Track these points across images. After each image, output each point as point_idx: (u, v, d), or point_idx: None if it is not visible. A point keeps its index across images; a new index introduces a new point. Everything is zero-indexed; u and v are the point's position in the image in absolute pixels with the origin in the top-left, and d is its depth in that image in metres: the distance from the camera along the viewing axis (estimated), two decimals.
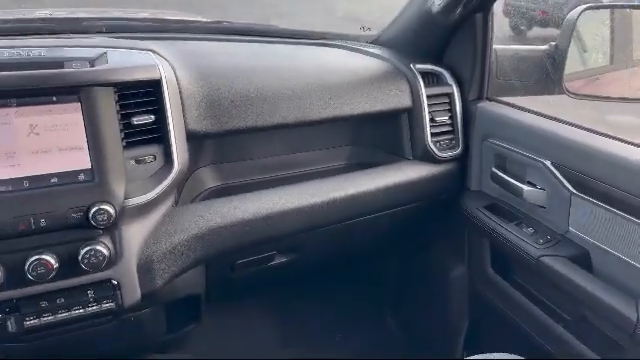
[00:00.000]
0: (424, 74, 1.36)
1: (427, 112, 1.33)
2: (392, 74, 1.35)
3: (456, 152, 1.38)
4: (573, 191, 1.11)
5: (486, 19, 1.33)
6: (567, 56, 1.30)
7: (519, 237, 1.21)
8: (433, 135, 1.35)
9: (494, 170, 1.32)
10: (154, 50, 1.08)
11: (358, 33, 1.64)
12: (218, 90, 1.11)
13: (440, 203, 1.44)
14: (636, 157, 1.00)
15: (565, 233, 1.15)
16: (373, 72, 1.34)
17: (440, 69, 1.40)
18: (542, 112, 1.27)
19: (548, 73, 1.42)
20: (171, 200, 1.09)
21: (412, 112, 1.34)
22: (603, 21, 1.38)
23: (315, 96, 1.22)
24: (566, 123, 1.20)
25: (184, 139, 1.05)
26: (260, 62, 1.27)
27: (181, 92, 1.05)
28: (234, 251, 1.18)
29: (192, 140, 1.08)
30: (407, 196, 1.36)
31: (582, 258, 1.10)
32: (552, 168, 1.15)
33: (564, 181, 1.13)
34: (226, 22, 1.56)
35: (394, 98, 1.32)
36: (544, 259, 1.13)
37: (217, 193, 1.28)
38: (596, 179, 1.05)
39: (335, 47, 1.49)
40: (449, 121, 1.38)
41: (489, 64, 1.39)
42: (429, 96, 1.34)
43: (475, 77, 1.39)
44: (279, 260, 1.32)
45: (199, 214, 1.11)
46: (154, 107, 1.00)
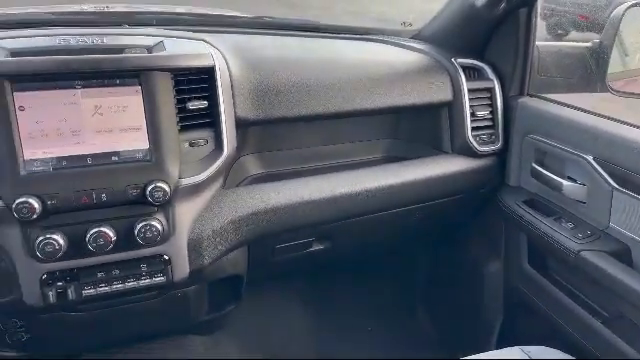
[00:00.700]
0: (465, 68, 1.38)
1: (468, 106, 1.35)
2: (434, 68, 1.37)
3: (496, 147, 1.39)
4: (615, 186, 1.11)
5: (530, 15, 1.33)
6: (611, 53, 1.30)
7: (558, 232, 1.22)
8: (473, 129, 1.36)
9: (534, 165, 1.33)
10: (207, 40, 1.13)
11: (399, 28, 1.67)
12: (266, 80, 1.15)
13: (477, 198, 1.46)
14: None
15: (605, 229, 1.15)
16: (415, 65, 1.37)
17: (481, 64, 1.41)
18: (584, 107, 1.27)
19: (591, 70, 1.41)
20: (219, 183, 1.14)
21: (453, 106, 1.36)
22: None
23: (358, 88, 1.26)
24: (608, 118, 1.19)
25: (233, 125, 1.10)
26: (305, 55, 1.32)
27: (232, 80, 1.10)
28: (275, 235, 1.23)
29: (239, 127, 1.13)
30: (444, 189, 1.37)
31: (623, 253, 1.10)
32: (594, 163, 1.15)
33: (606, 176, 1.13)
34: (267, 17, 1.61)
35: (435, 91, 1.34)
36: (583, 253, 1.13)
37: (259, 180, 1.32)
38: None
39: (376, 42, 1.52)
40: (489, 116, 1.39)
41: (531, 60, 1.40)
42: (470, 90, 1.35)
43: (517, 73, 1.40)
44: (316, 247, 1.36)
45: (244, 198, 1.16)
46: (207, 93, 1.05)
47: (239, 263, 1.25)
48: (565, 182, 1.22)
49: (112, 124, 0.96)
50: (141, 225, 0.98)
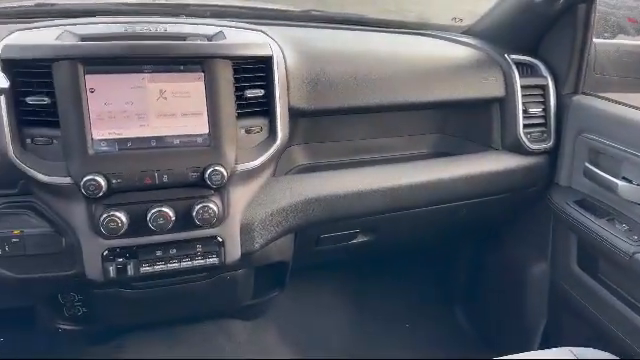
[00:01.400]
0: (518, 65, 1.36)
1: (520, 103, 1.33)
2: (486, 63, 1.35)
3: (547, 145, 1.37)
4: None
5: (589, 11, 1.30)
6: None
7: (611, 233, 1.19)
8: (525, 126, 1.34)
9: (587, 165, 1.30)
10: (264, 31, 1.16)
11: (449, 24, 1.66)
12: (320, 71, 1.17)
13: (525, 196, 1.44)
14: None
15: None
16: (467, 60, 1.36)
17: (535, 60, 1.39)
18: None
19: None
20: (270, 170, 1.17)
21: (504, 102, 1.35)
22: None
23: (409, 81, 1.26)
24: None
25: (287, 114, 1.12)
26: (357, 47, 1.33)
27: (287, 71, 1.12)
28: (321, 224, 1.24)
29: (292, 117, 1.15)
30: (492, 187, 1.36)
31: None
32: None
33: None
34: (315, 11, 1.63)
35: (487, 87, 1.33)
36: (638, 256, 1.11)
37: (305, 171, 1.34)
38: None
39: (428, 36, 1.52)
40: (542, 113, 1.37)
41: (587, 58, 1.37)
42: (523, 87, 1.34)
43: (572, 70, 1.37)
44: (360, 239, 1.37)
45: (294, 186, 1.18)
46: (263, 82, 1.08)
47: (285, 250, 1.27)
48: (620, 183, 1.20)
49: (175, 109, 1.00)
50: (199, 207, 1.01)
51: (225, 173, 1.01)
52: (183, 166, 0.99)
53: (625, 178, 1.21)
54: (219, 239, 1.07)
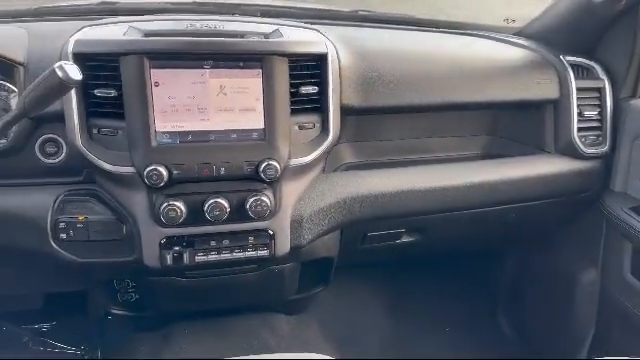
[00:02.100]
0: (574, 66, 1.34)
1: (575, 105, 1.30)
2: (540, 64, 1.33)
3: (602, 149, 1.33)
4: None
5: None
6: None
7: None
8: (579, 130, 1.31)
9: None
10: (318, 30, 1.18)
11: (500, 25, 1.64)
12: (372, 69, 1.18)
13: (577, 201, 1.40)
14: None
15: None
16: (520, 61, 1.34)
17: (592, 63, 1.36)
18: None
19: None
20: (320, 167, 1.18)
21: (559, 104, 1.32)
22: None
23: (462, 81, 1.25)
24: None
25: (339, 112, 1.13)
26: (409, 47, 1.33)
27: (340, 68, 1.13)
28: (368, 222, 1.25)
29: (343, 114, 1.16)
30: (543, 190, 1.34)
31: None
32: None
33: None
34: (363, 11, 1.64)
35: (541, 88, 1.31)
36: None
37: (352, 169, 1.35)
38: None
39: (478, 37, 1.51)
40: (597, 117, 1.33)
41: None
42: (579, 89, 1.31)
43: (630, 73, 1.33)
44: (406, 239, 1.37)
45: (343, 183, 1.19)
46: (317, 80, 1.09)
47: (332, 246, 1.29)
48: None
49: (233, 104, 1.03)
50: (252, 200, 1.04)
51: (279, 167, 1.03)
52: (239, 160, 1.02)
53: None
54: (270, 232, 1.09)
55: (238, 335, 1.44)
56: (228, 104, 1.02)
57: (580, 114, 1.31)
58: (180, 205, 1.00)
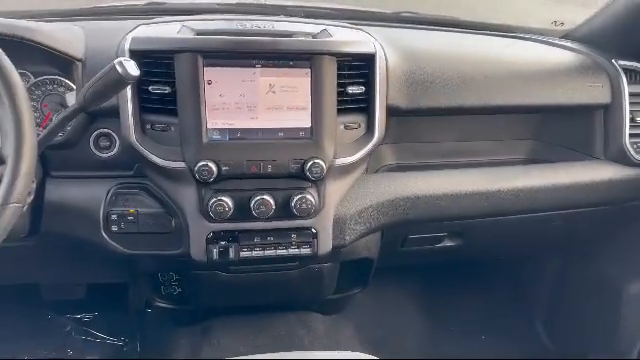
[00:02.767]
0: (627, 71, 1.30)
1: (628, 111, 1.27)
2: (591, 68, 1.30)
3: None
4: None
5: None
6: None
7: None
8: (631, 136, 1.28)
9: None
10: (365, 30, 1.18)
11: (547, 27, 1.61)
12: (419, 70, 1.18)
13: (626, 210, 1.36)
14: None
15: None
16: (569, 65, 1.31)
17: None
18: None
19: None
20: (364, 167, 1.19)
21: (610, 109, 1.29)
22: None
23: (510, 84, 1.24)
24: None
25: (385, 112, 1.13)
26: (455, 48, 1.32)
27: (387, 69, 1.13)
28: (409, 224, 1.24)
29: (389, 115, 1.16)
30: (592, 197, 1.30)
31: None
32: None
33: None
34: (406, 12, 1.63)
35: (591, 93, 1.28)
36: None
37: (394, 170, 1.35)
38: None
39: (524, 39, 1.48)
40: None
41: None
42: (632, 94, 1.27)
43: None
44: (447, 243, 1.36)
45: (386, 184, 1.19)
46: (364, 80, 1.10)
47: (372, 248, 1.28)
48: None
49: (281, 102, 1.04)
50: (298, 198, 1.05)
51: (324, 166, 1.04)
52: (286, 158, 1.04)
53: None
54: (313, 230, 1.10)
55: (274, 332, 1.46)
56: (277, 102, 1.04)
57: (632, 120, 1.28)
58: (228, 200, 1.02)
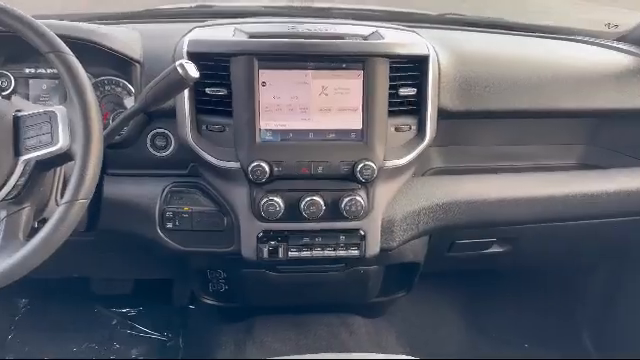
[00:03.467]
0: None
1: None
2: None
3: None
4: None
5: None
6: None
7: None
8: None
9: None
10: (416, 32, 1.18)
11: (600, 30, 1.56)
12: (472, 73, 1.16)
13: None
14: None
15: None
16: (626, 68, 1.27)
17: None
18: None
19: None
20: (412, 170, 1.18)
21: None
22: None
23: (565, 87, 1.21)
24: None
25: (436, 114, 1.12)
26: (507, 50, 1.30)
27: (440, 70, 1.12)
28: (458, 229, 1.23)
29: (440, 117, 1.15)
30: None
31: None
32: None
33: None
34: (452, 14, 1.62)
35: None
36: None
37: (441, 173, 1.33)
38: None
39: (577, 42, 1.44)
40: None
41: None
42: None
43: None
44: (495, 249, 1.33)
45: (435, 187, 1.18)
46: (416, 81, 1.09)
47: (419, 252, 1.28)
48: None
49: (333, 104, 1.05)
50: (347, 199, 1.05)
51: (375, 168, 1.04)
52: (336, 159, 1.04)
53: None
54: (361, 232, 1.10)
55: (317, 333, 1.46)
56: (328, 104, 1.05)
57: None
58: (279, 201, 1.03)
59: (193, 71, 0.86)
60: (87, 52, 1.03)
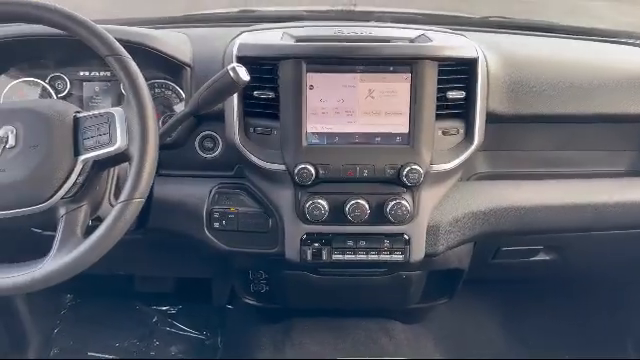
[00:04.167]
0: None
1: None
2: None
3: None
4: None
5: None
6: None
7: None
8: None
9: None
10: (463, 34, 1.16)
11: None
12: (522, 76, 1.14)
13: None
14: None
15: None
16: None
17: None
18: None
19: None
20: (459, 174, 1.16)
21: None
22: None
23: (614, 91, 1.17)
24: None
25: (484, 118, 1.10)
26: (556, 54, 1.26)
27: (489, 74, 1.10)
28: (504, 235, 1.20)
29: (487, 121, 1.13)
30: None
31: None
32: None
33: None
34: (494, 17, 1.59)
35: None
36: None
37: (487, 178, 1.30)
38: None
39: (624, 44, 1.40)
40: None
41: None
42: None
43: None
44: (542, 257, 1.30)
45: (482, 192, 1.16)
46: (464, 85, 1.08)
47: (463, 258, 1.26)
48: None
49: (380, 107, 1.05)
50: (392, 203, 1.05)
51: (421, 172, 1.03)
52: (382, 163, 1.04)
53: None
54: (406, 237, 1.09)
55: (355, 337, 1.46)
56: (375, 107, 1.05)
57: None
58: (323, 203, 1.04)
59: (244, 75, 0.88)
60: (139, 56, 1.06)
